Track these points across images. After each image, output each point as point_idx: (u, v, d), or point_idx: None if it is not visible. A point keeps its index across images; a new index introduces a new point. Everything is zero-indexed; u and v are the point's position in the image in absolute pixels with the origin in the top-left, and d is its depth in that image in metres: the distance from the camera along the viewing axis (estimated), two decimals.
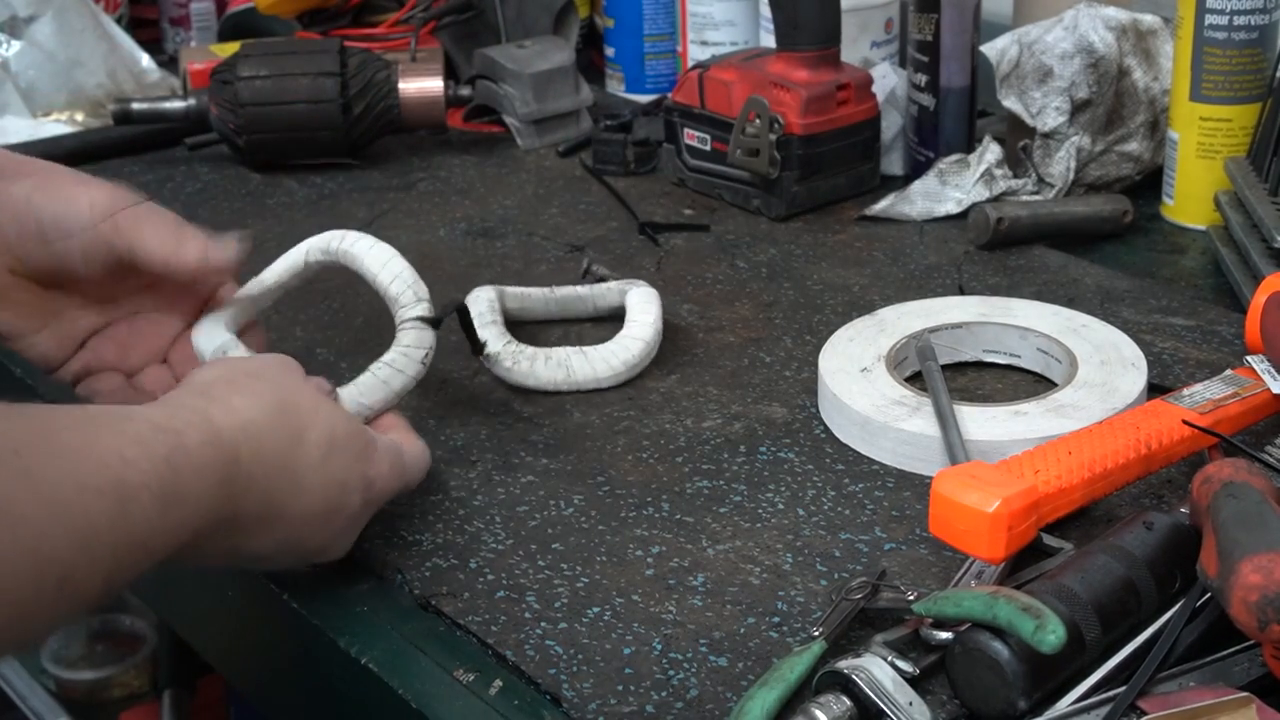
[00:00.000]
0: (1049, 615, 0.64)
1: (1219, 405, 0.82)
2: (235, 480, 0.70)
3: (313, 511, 0.75)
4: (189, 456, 0.68)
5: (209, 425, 0.70)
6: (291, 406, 0.75)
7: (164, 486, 0.66)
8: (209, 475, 0.68)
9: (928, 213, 1.18)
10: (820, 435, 0.90)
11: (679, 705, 0.69)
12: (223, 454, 0.70)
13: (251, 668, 0.90)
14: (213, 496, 0.69)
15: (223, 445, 0.70)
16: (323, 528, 0.76)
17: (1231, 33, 1.11)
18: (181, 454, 0.67)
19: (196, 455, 0.68)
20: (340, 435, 0.76)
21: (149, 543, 0.66)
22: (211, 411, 0.71)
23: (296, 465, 0.73)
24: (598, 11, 1.55)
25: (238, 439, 0.71)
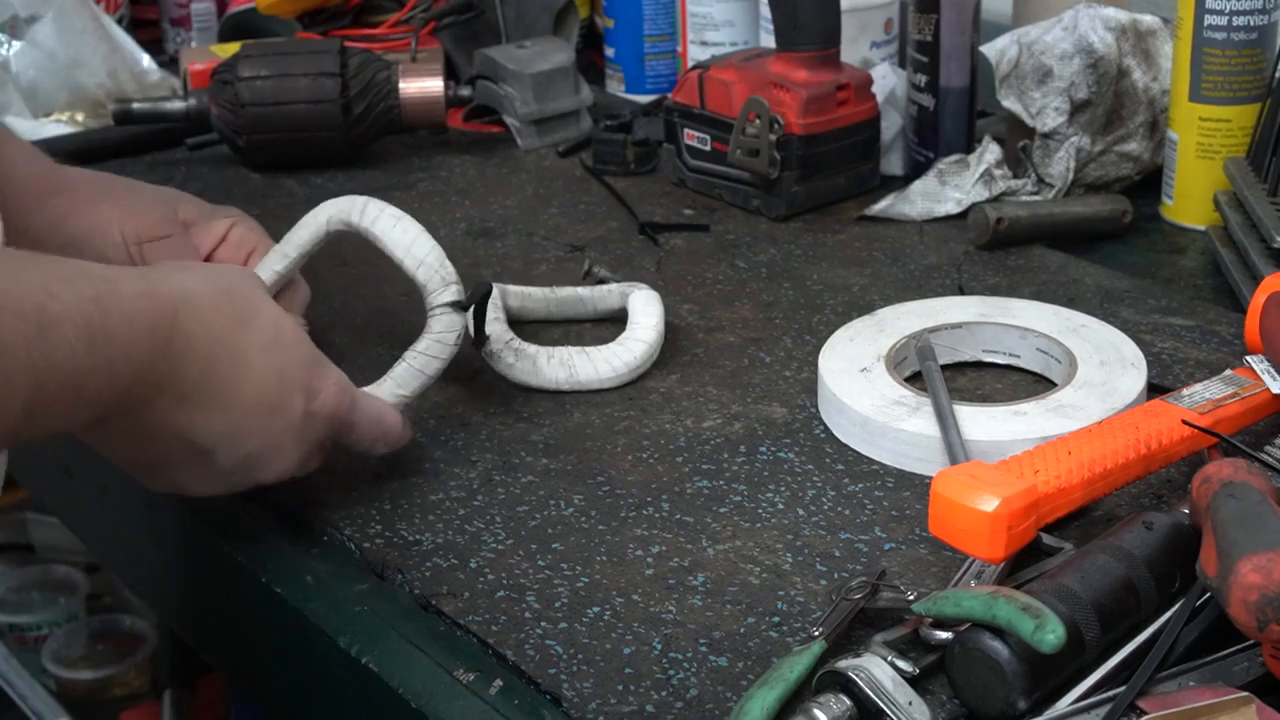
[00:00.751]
0: (1048, 615, 0.64)
1: (1218, 405, 0.82)
2: (173, 339, 0.71)
3: (254, 399, 0.76)
4: (119, 301, 0.69)
5: (144, 282, 0.72)
6: (238, 295, 0.76)
7: (89, 323, 0.67)
8: (139, 323, 0.70)
9: (927, 213, 1.18)
10: (820, 435, 0.90)
11: (679, 705, 0.69)
12: (157, 307, 0.71)
13: (251, 667, 0.90)
14: (145, 345, 0.70)
15: (158, 299, 0.71)
16: (264, 424, 0.77)
17: (1231, 33, 1.11)
18: (112, 299, 0.69)
19: (128, 302, 0.70)
20: (287, 334, 0.78)
21: (77, 377, 0.67)
22: (151, 276, 0.73)
23: (238, 342, 0.75)
24: (598, 12, 1.55)
25: (175, 300, 0.72)
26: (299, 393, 0.78)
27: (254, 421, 0.77)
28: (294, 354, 0.78)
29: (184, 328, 0.72)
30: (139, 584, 1.11)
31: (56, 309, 0.66)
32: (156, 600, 1.07)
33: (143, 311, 0.70)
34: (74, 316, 0.66)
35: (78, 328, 0.66)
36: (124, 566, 1.09)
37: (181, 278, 0.75)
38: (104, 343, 0.68)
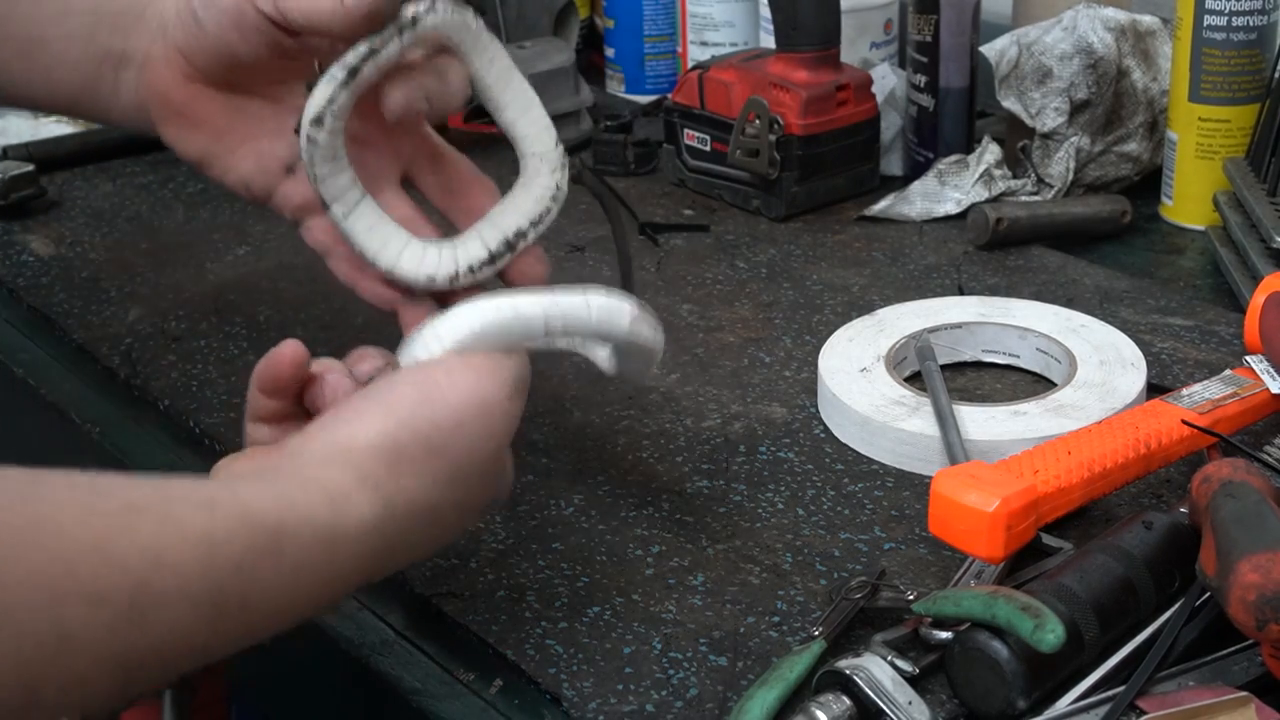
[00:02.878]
0: (1048, 615, 0.64)
1: (1218, 405, 0.82)
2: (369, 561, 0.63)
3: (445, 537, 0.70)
4: (287, 559, 0.58)
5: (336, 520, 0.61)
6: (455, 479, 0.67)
7: (217, 597, 0.56)
8: (310, 578, 0.60)
9: (927, 213, 1.18)
10: (820, 435, 0.90)
11: (679, 704, 0.69)
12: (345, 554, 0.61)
13: (252, 667, 0.90)
14: (322, 592, 0.61)
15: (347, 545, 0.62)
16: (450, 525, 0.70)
17: (1230, 33, 1.12)
18: (270, 559, 0.58)
19: (302, 558, 0.59)
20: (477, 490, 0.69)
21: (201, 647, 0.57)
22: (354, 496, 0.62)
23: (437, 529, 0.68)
24: (598, 12, 1.55)
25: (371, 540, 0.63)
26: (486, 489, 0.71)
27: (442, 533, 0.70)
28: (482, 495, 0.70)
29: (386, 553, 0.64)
30: None
31: (163, 587, 0.54)
32: None
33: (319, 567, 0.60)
34: (194, 593, 0.55)
35: (197, 607, 0.55)
36: None
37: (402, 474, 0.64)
38: (237, 614, 0.57)
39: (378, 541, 0.63)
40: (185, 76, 0.82)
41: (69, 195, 1.29)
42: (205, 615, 0.56)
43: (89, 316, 1.07)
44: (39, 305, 1.10)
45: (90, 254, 1.18)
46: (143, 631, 0.54)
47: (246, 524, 0.58)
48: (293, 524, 0.59)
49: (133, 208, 1.26)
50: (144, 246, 1.19)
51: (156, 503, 0.56)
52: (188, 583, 0.55)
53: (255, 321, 1.06)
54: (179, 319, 1.07)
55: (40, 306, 1.10)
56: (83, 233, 1.22)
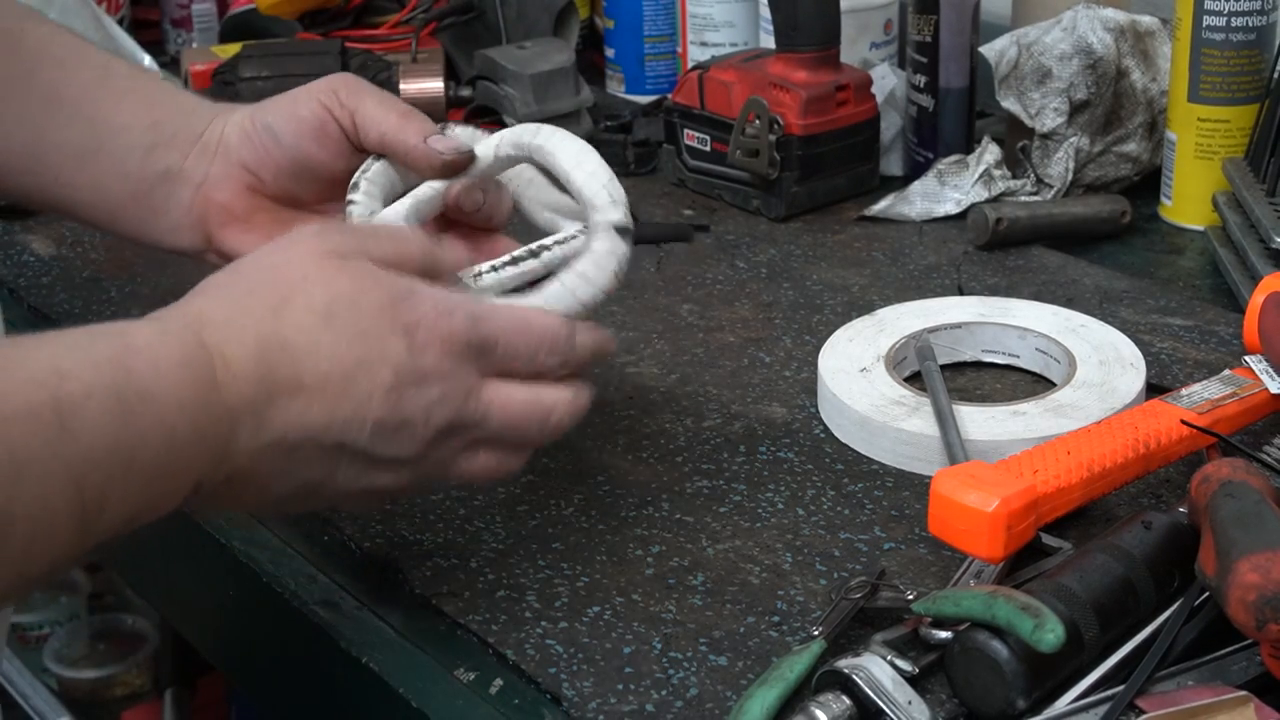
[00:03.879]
0: (1047, 614, 0.64)
1: (1217, 405, 0.82)
2: (212, 365, 0.65)
3: (339, 372, 0.67)
4: (139, 353, 0.63)
5: (157, 321, 0.66)
6: (270, 281, 0.69)
7: (116, 390, 0.61)
8: (167, 366, 0.63)
9: (927, 213, 1.18)
10: (820, 435, 0.90)
11: (679, 704, 0.70)
12: (178, 339, 0.64)
13: (252, 667, 0.90)
14: (187, 386, 0.63)
15: (175, 332, 0.65)
16: (370, 388, 0.67)
17: (1229, 34, 1.12)
18: (131, 353, 0.62)
19: (148, 350, 0.63)
20: (344, 294, 0.68)
21: (124, 455, 0.61)
22: (165, 313, 0.67)
23: (284, 334, 0.66)
24: (598, 12, 1.55)
25: (193, 324, 0.66)
26: (391, 336, 0.68)
27: (357, 392, 0.67)
28: (363, 304, 0.68)
29: (217, 348, 0.65)
30: (140, 583, 1.11)
31: (73, 389, 0.59)
32: (158, 599, 1.07)
33: (166, 353, 0.63)
34: (95, 390, 0.60)
35: (103, 403, 0.60)
36: (125, 565, 1.09)
37: (199, 299, 0.68)
38: (139, 405, 0.61)
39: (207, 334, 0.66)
40: (248, 188, 0.87)
41: None
42: (113, 413, 0.60)
43: (90, 317, 1.07)
44: (39, 305, 1.10)
45: (91, 254, 1.18)
46: (73, 439, 0.59)
47: (99, 335, 0.64)
48: (128, 329, 0.65)
49: None
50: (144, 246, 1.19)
51: (42, 337, 0.63)
52: (89, 387, 0.60)
53: None
54: None
55: (41, 306, 1.10)
56: (83, 233, 1.22)
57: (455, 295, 0.71)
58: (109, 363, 0.62)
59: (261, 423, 0.66)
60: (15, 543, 0.58)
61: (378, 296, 0.68)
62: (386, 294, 0.69)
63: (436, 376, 0.69)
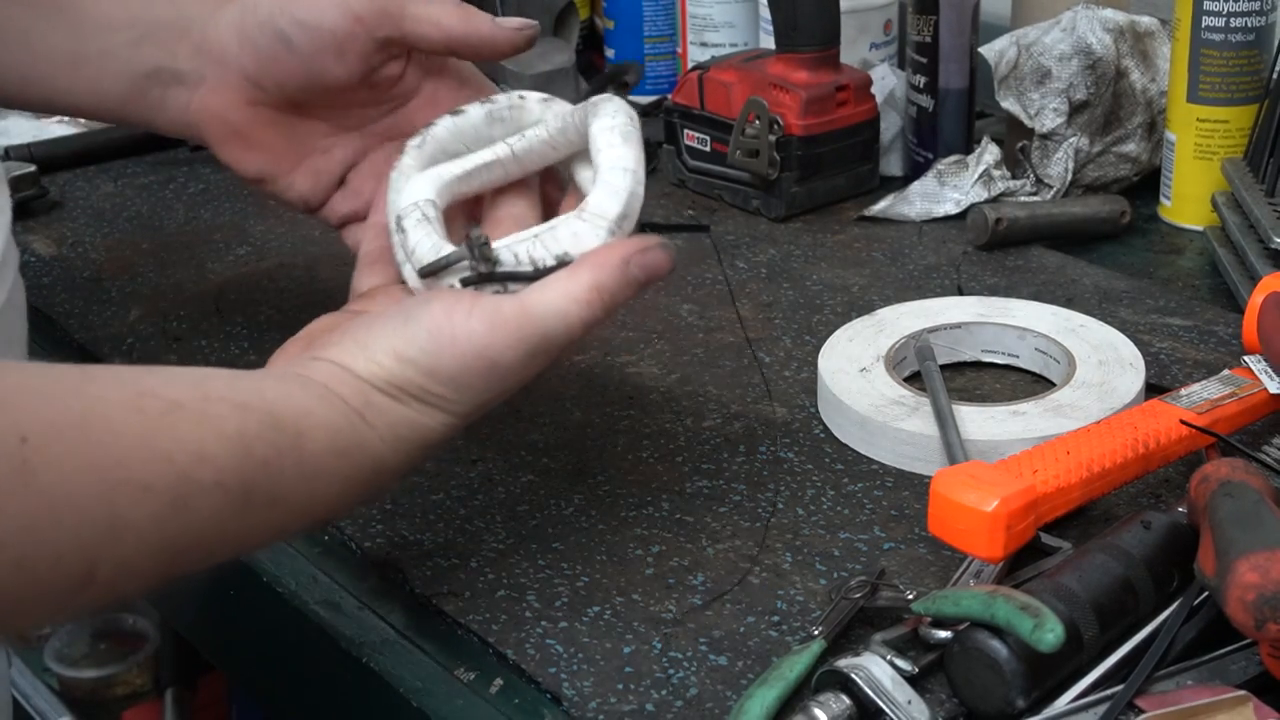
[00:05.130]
0: (1047, 614, 0.65)
1: (1216, 405, 0.82)
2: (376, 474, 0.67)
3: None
4: (307, 463, 0.62)
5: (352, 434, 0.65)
6: None
7: (248, 491, 0.60)
8: (325, 483, 0.64)
9: (926, 213, 1.18)
10: (819, 435, 0.90)
11: (679, 704, 0.70)
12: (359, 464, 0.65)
13: (253, 666, 0.90)
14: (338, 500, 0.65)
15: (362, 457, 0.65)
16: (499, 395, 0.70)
17: (1228, 34, 1.12)
18: (294, 454, 0.62)
19: (320, 461, 0.63)
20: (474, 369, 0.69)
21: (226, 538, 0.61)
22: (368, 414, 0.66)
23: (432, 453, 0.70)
24: (598, 13, 1.55)
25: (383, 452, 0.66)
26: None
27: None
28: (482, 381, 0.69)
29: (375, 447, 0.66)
30: None
31: (203, 477, 0.58)
32: (158, 599, 1.07)
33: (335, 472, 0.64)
34: (229, 484, 0.59)
35: (230, 497, 0.60)
36: None
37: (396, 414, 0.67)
38: (262, 509, 0.61)
39: (380, 459, 0.67)
40: (247, 101, 0.82)
41: (70, 195, 1.29)
42: (237, 506, 0.60)
43: (90, 317, 1.08)
44: (40, 305, 1.10)
45: (91, 254, 1.18)
46: (185, 520, 0.58)
47: (274, 426, 0.62)
48: (309, 430, 0.63)
49: (134, 208, 1.26)
50: (145, 246, 1.19)
51: (196, 401, 0.61)
52: (223, 475, 0.59)
53: (256, 321, 1.06)
54: (180, 319, 1.07)
55: (42, 306, 1.10)
56: (84, 233, 1.22)
57: None
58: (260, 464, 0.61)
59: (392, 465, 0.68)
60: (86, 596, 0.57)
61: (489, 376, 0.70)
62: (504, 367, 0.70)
63: None
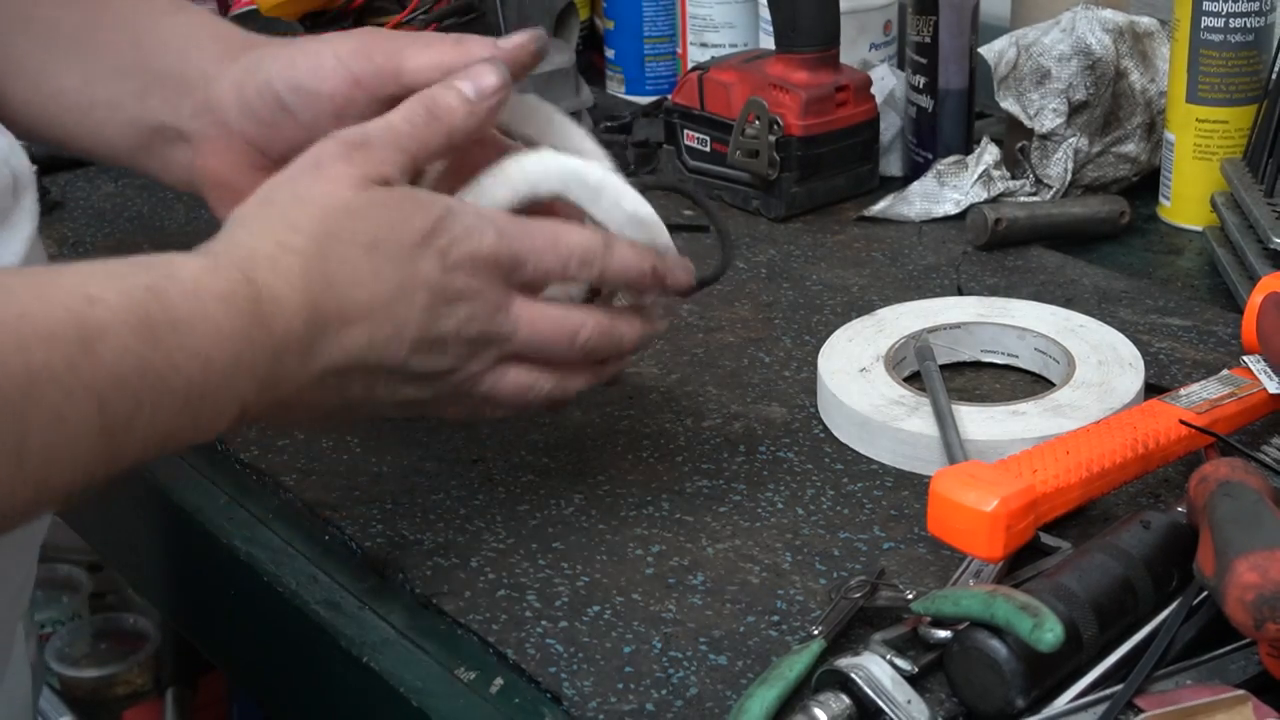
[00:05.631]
0: (1047, 614, 0.65)
1: (1215, 405, 0.82)
2: (258, 300, 0.66)
3: (380, 301, 0.69)
4: (178, 283, 0.64)
5: (205, 255, 0.66)
6: (313, 216, 0.69)
7: (146, 317, 0.62)
8: (208, 298, 0.64)
9: (926, 213, 1.18)
10: (819, 435, 0.90)
11: (679, 703, 0.70)
12: (223, 274, 0.65)
13: (253, 666, 0.90)
14: (226, 319, 0.64)
15: (222, 269, 0.66)
16: (408, 312, 0.70)
17: (1228, 35, 1.12)
18: (171, 283, 0.63)
19: (189, 282, 0.64)
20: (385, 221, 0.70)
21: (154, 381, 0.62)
22: (216, 245, 0.68)
23: (332, 266, 0.69)
24: (598, 13, 1.55)
25: (241, 261, 0.67)
26: (426, 259, 0.70)
27: (396, 316, 0.70)
28: (403, 232, 0.70)
29: (266, 286, 0.66)
30: (142, 583, 1.11)
31: (100, 314, 0.61)
32: (159, 599, 1.07)
33: (210, 286, 0.64)
34: (124, 316, 0.61)
35: (133, 328, 0.61)
36: (127, 565, 1.09)
37: (244, 234, 0.68)
38: (171, 334, 0.62)
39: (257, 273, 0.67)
40: (250, 164, 0.83)
41: (71, 196, 1.29)
42: (142, 339, 0.61)
43: None
44: None
45: (92, 254, 1.18)
46: (96, 361, 0.60)
47: (146, 265, 0.65)
48: (170, 259, 0.66)
49: (134, 208, 1.26)
50: (145, 247, 1.17)
51: (80, 265, 0.64)
52: (117, 313, 0.61)
53: None
54: None
55: None
56: (85, 233, 1.22)
57: (488, 213, 0.73)
58: (144, 290, 0.63)
59: (308, 354, 0.68)
60: (32, 458, 0.59)
61: (416, 224, 0.71)
62: (424, 219, 0.71)
63: (468, 294, 0.72)
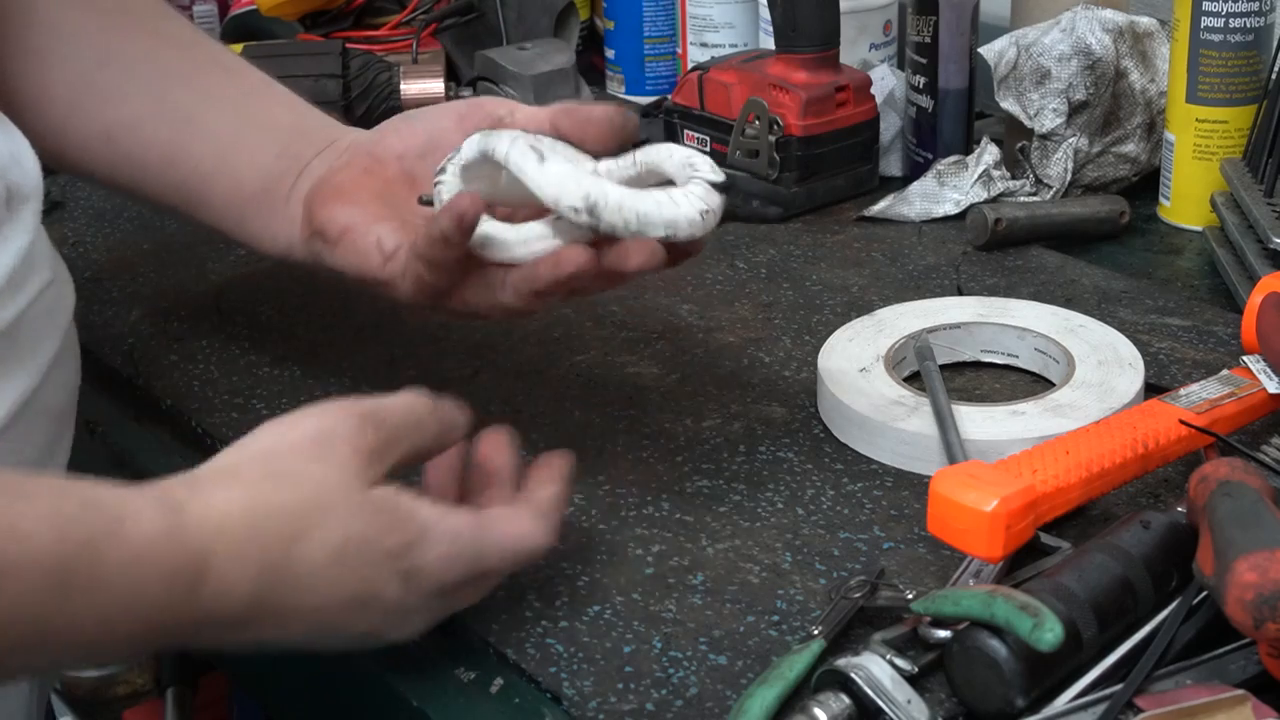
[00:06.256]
0: (1046, 614, 0.65)
1: (1215, 405, 0.82)
2: (204, 578, 0.64)
3: (329, 610, 0.68)
4: (123, 544, 0.62)
5: (171, 516, 0.64)
6: (293, 508, 0.67)
7: (64, 571, 0.60)
8: (150, 570, 0.62)
9: (926, 213, 1.18)
10: (819, 435, 0.90)
11: (679, 703, 0.70)
12: (181, 548, 0.63)
13: (253, 666, 0.90)
14: (157, 591, 0.63)
15: (183, 540, 0.64)
16: (356, 622, 0.69)
17: (1227, 35, 1.12)
18: (113, 541, 0.61)
19: (137, 547, 0.62)
20: (359, 536, 0.68)
21: (46, 630, 0.60)
22: (190, 505, 0.65)
23: (292, 568, 0.66)
24: (598, 13, 1.55)
25: (207, 537, 0.64)
26: (391, 582, 0.69)
27: (338, 621, 0.69)
28: (375, 549, 0.68)
29: (218, 567, 0.64)
30: None
31: (16, 553, 0.59)
32: None
33: (151, 559, 0.62)
34: (45, 563, 0.59)
35: (46, 577, 0.59)
36: None
37: (221, 499, 0.66)
38: (84, 595, 0.60)
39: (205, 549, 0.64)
40: (364, 171, 0.86)
41: (72, 196, 1.29)
42: (56, 585, 0.60)
43: (91, 317, 1.08)
44: None
45: (93, 254, 1.18)
46: (2, 600, 0.58)
47: (93, 506, 0.62)
48: (131, 513, 0.63)
49: (134, 208, 1.26)
50: (146, 247, 1.19)
51: (13, 485, 0.62)
52: (39, 554, 0.59)
53: (257, 321, 1.06)
54: (181, 319, 1.07)
55: None
56: (85, 233, 1.22)
57: (464, 535, 0.71)
58: (78, 545, 0.61)
59: (231, 630, 0.66)
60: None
61: (390, 543, 0.69)
62: (398, 540, 0.69)
63: (424, 610, 0.71)
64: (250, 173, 0.90)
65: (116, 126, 0.92)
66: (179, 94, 0.92)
